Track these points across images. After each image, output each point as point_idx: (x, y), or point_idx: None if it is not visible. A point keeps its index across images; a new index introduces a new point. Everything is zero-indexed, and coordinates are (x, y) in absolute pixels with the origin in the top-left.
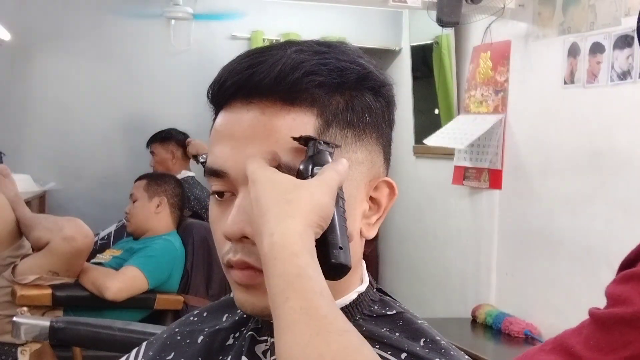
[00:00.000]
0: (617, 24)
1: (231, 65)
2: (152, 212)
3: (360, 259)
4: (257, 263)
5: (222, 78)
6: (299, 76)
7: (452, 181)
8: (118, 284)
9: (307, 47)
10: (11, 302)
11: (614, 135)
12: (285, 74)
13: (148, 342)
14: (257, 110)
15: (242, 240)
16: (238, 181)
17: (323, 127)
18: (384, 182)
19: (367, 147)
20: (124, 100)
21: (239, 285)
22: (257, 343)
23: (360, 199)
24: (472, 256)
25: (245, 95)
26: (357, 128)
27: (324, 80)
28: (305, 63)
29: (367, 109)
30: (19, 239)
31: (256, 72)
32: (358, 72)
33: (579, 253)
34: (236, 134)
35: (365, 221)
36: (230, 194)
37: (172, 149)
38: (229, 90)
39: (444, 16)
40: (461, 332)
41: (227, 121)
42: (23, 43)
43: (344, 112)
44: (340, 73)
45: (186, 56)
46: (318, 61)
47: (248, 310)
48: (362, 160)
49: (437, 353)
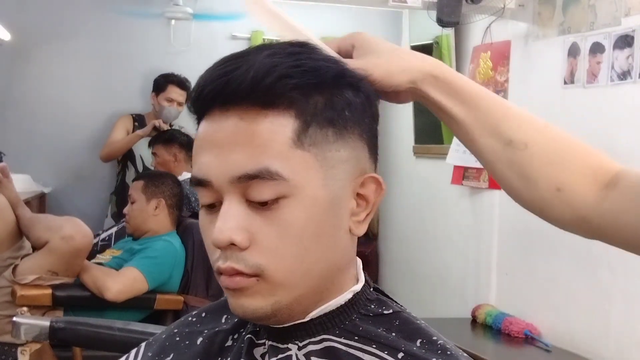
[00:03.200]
0: (617, 24)
1: (207, 73)
2: (150, 213)
3: (353, 257)
4: (246, 269)
5: (200, 87)
6: (272, 80)
7: (451, 181)
8: (118, 285)
9: (280, 50)
10: (11, 302)
11: (614, 135)
12: (259, 79)
13: (147, 343)
14: (235, 116)
15: (231, 247)
16: (222, 189)
17: (302, 128)
18: (370, 178)
19: (350, 144)
20: (124, 100)
21: (229, 291)
22: (255, 346)
23: (347, 197)
24: (472, 256)
25: (223, 103)
26: (337, 125)
27: (298, 82)
28: (278, 66)
29: (347, 106)
30: (19, 240)
31: (231, 80)
32: (334, 69)
33: (579, 253)
34: (217, 142)
35: (354, 219)
36: (219, 202)
37: (174, 151)
38: (207, 99)
39: (444, 16)
40: (461, 332)
41: (207, 130)
42: (23, 43)
43: (324, 111)
44: (316, 73)
45: (186, 56)
46: (291, 63)
47: (240, 314)
48: (347, 158)
49: (434, 353)
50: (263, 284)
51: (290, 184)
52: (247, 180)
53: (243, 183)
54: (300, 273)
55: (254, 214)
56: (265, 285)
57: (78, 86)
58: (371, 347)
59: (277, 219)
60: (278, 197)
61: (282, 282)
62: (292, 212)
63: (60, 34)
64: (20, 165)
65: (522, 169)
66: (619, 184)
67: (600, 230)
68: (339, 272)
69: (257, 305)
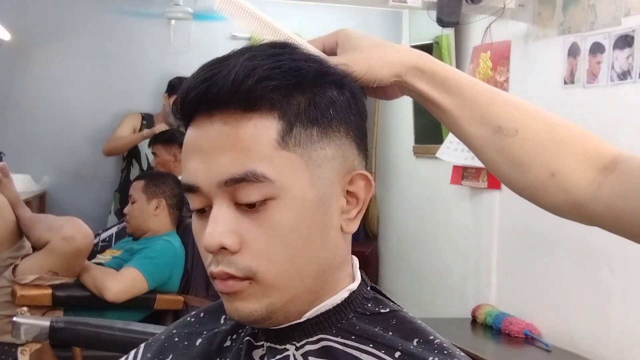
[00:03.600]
0: (617, 24)
1: (191, 78)
2: (150, 213)
3: (348, 255)
4: (238, 272)
5: (184, 94)
6: (252, 83)
7: (450, 181)
8: (118, 285)
9: (260, 52)
10: (11, 302)
11: (614, 135)
12: (239, 82)
13: (146, 343)
14: (219, 121)
15: (222, 252)
16: (211, 194)
17: (286, 129)
18: (358, 175)
19: (336, 142)
20: (124, 100)
21: (224, 295)
22: (254, 348)
23: (336, 195)
24: (472, 256)
25: (207, 108)
26: (322, 125)
27: (279, 83)
28: (257, 69)
29: (330, 104)
30: (20, 240)
31: (212, 85)
32: (315, 69)
33: (579, 253)
34: (203, 148)
35: (344, 216)
36: (208, 207)
37: (174, 151)
38: (191, 105)
39: (444, 16)
40: (461, 332)
41: (193, 136)
42: (23, 43)
43: (307, 111)
44: (296, 73)
45: (186, 56)
46: (271, 65)
47: (236, 318)
48: (333, 156)
49: (431, 352)
50: (255, 286)
51: (277, 186)
52: (234, 184)
53: (230, 187)
54: (291, 274)
55: (243, 217)
56: (258, 288)
57: (78, 86)
58: (368, 346)
59: (266, 221)
60: (266, 199)
61: (274, 284)
62: (280, 213)
63: (60, 34)
64: (20, 165)
65: (513, 156)
66: (617, 168)
67: (597, 217)
68: (332, 271)
69: (252, 308)
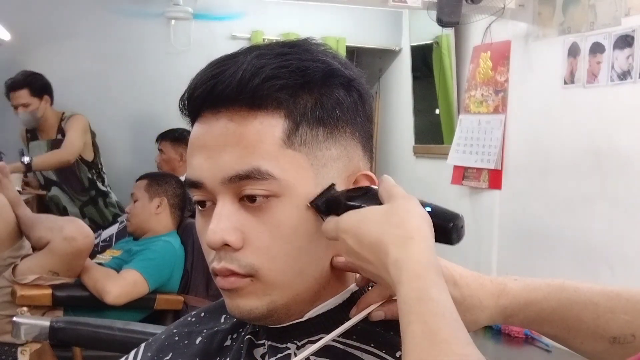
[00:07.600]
0: (617, 24)
1: (198, 76)
2: (152, 212)
3: None
4: (240, 269)
5: (191, 90)
6: (259, 82)
7: (451, 181)
8: (118, 288)
9: (268, 51)
10: (11, 302)
11: (614, 135)
12: (246, 81)
13: (146, 343)
14: (225, 118)
15: (224, 248)
16: (215, 190)
17: (292, 128)
18: (362, 175)
19: (342, 143)
20: (123, 100)
21: (225, 292)
22: (255, 347)
23: None
24: (472, 256)
25: (213, 105)
26: (328, 125)
27: (286, 82)
28: (265, 68)
29: (337, 105)
30: (20, 239)
31: (219, 82)
32: (322, 69)
33: (579, 253)
34: (208, 144)
35: None
36: (211, 202)
37: (181, 151)
38: (198, 101)
39: (444, 16)
40: None
41: (199, 132)
42: (23, 43)
43: (313, 111)
44: (303, 73)
45: (186, 56)
46: (278, 64)
47: (237, 315)
48: (338, 157)
49: None
50: (257, 284)
51: (282, 184)
52: (238, 180)
53: (235, 184)
54: (293, 272)
55: (247, 214)
56: (260, 285)
57: (78, 86)
58: (369, 346)
59: (269, 219)
60: (269, 197)
61: (275, 282)
62: (284, 211)
63: (60, 34)
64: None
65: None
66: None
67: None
68: (335, 271)
69: (252, 306)
